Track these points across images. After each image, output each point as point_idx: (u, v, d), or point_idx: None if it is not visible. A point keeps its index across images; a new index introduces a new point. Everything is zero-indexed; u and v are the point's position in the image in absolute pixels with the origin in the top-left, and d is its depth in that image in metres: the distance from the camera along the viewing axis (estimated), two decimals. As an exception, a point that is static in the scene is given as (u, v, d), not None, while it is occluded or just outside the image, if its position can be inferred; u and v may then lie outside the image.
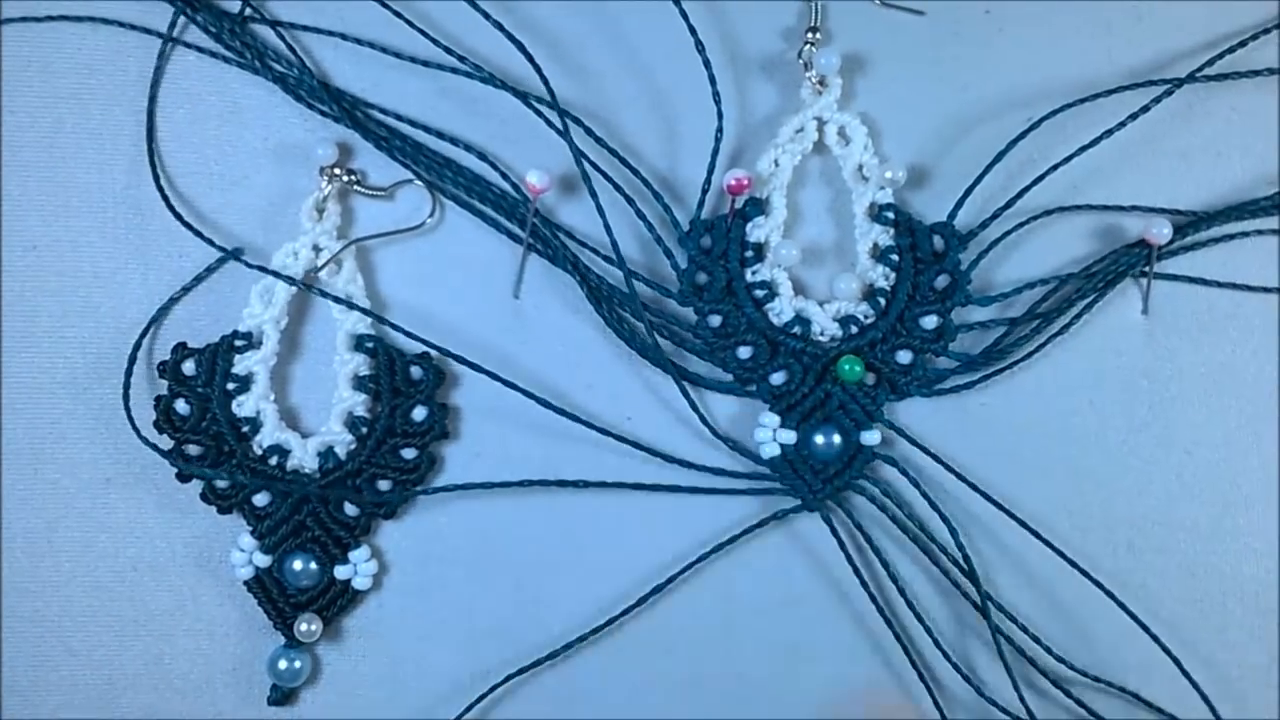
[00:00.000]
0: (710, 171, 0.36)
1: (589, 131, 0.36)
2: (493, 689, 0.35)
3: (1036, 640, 0.35)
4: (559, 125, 0.36)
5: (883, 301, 0.36)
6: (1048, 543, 0.35)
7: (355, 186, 0.37)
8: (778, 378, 0.36)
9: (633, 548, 0.36)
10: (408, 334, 0.36)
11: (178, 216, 0.36)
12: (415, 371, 0.36)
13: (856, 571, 0.35)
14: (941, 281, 0.36)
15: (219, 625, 0.36)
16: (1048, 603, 0.36)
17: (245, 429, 0.36)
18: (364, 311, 0.36)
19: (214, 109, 0.37)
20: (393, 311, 0.37)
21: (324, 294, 0.36)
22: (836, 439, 0.35)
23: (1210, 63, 0.37)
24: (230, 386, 0.35)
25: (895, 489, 0.36)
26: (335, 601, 0.36)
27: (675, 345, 0.36)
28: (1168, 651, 0.35)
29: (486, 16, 0.36)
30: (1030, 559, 0.36)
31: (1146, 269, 0.36)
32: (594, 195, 0.35)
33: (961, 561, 0.35)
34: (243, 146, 0.37)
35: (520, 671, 0.35)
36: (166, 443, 0.35)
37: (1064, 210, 0.37)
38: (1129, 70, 0.37)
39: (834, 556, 0.35)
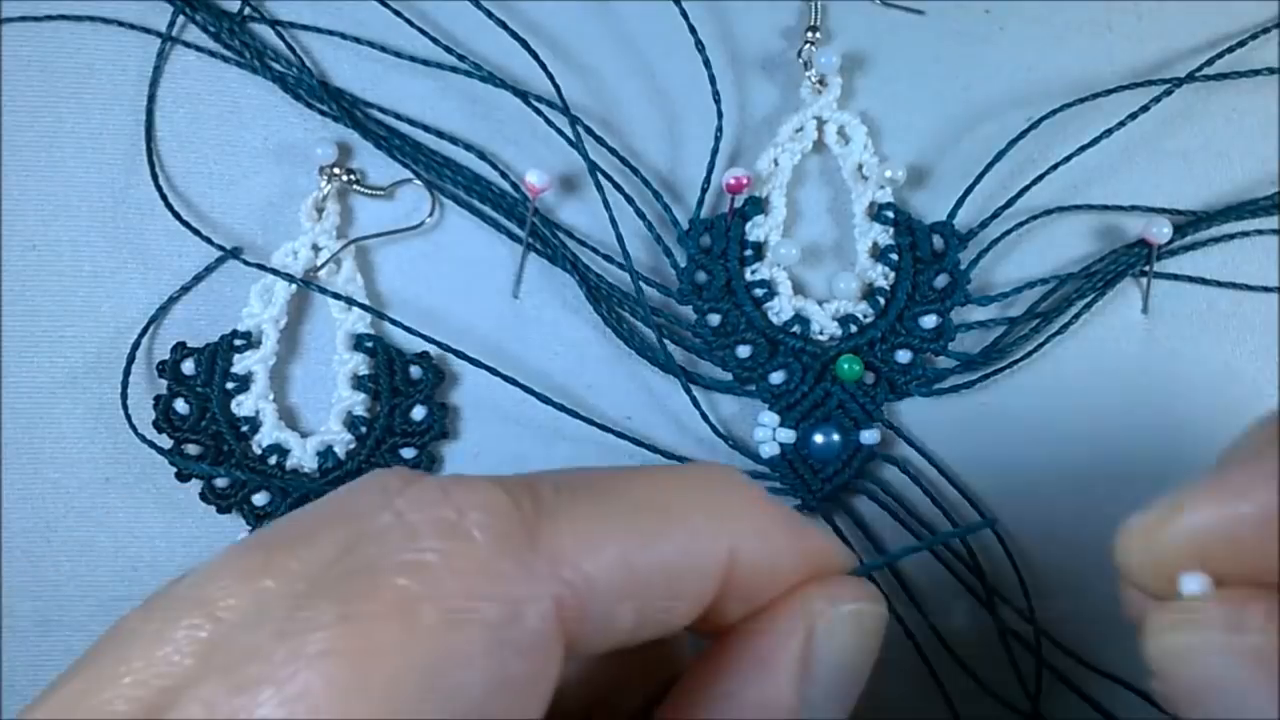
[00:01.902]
0: (710, 170, 0.36)
1: (589, 131, 0.36)
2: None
3: (1046, 636, 0.35)
4: (561, 125, 0.36)
5: (882, 301, 0.36)
6: (1007, 551, 0.35)
7: (355, 186, 0.37)
8: (777, 377, 0.36)
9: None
10: (407, 329, 0.36)
11: (177, 216, 0.36)
12: (415, 371, 0.36)
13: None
14: (941, 281, 0.36)
15: (218, 625, 0.36)
16: (1054, 599, 0.35)
17: (244, 428, 0.36)
18: (364, 307, 0.36)
19: (213, 109, 0.37)
20: (392, 311, 0.37)
21: (324, 291, 0.36)
22: (836, 438, 0.35)
23: (1210, 62, 0.37)
24: (229, 386, 0.35)
25: (896, 488, 0.36)
26: (334, 601, 0.36)
27: (674, 344, 0.36)
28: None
29: (490, 16, 0.36)
30: (1034, 555, 0.36)
31: (1146, 269, 0.36)
32: (604, 198, 0.35)
33: (966, 557, 0.35)
34: (242, 146, 0.37)
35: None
36: (166, 442, 0.35)
37: (1064, 210, 0.37)
38: (1129, 70, 0.37)
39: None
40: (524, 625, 0.18)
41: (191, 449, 0.36)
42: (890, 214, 0.36)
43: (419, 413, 0.36)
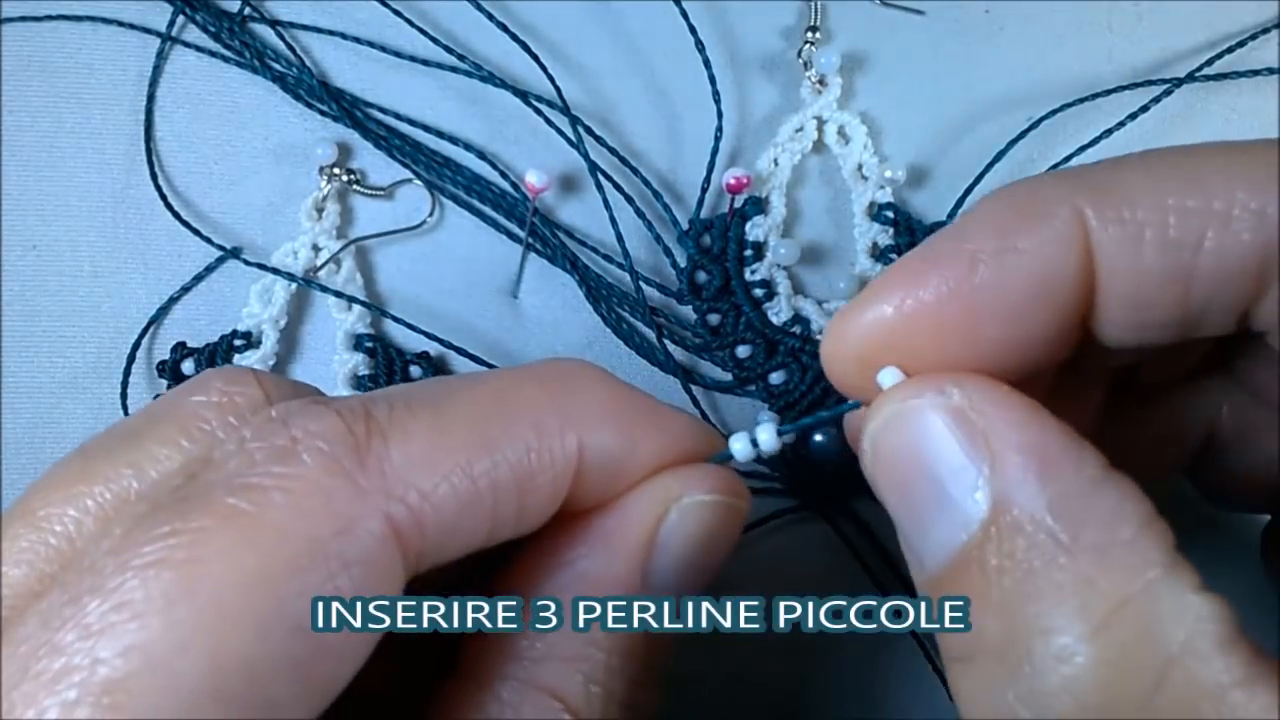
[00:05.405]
0: (710, 170, 0.36)
1: (589, 131, 0.36)
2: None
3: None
4: (561, 125, 0.36)
5: (882, 301, 0.36)
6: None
7: (355, 186, 0.37)
8: (776, 377, 0.36)
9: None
10: (409, 326, 0.36)
11: (177, 216, 0.36)
12: (415, 371, 0.36)
13: (867, 568, 0.35)
14: (941, 281, 0.36)
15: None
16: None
17: (244, 428, 0.35)
18: (365, 305, 0.36)
19: (213, 109, 0.37)
20: (392, 311, 0.37)
21: (324, 289, 0.36)
22: (835, 438, 0.35)
23: (1210, 62, 0.37)
24: (229, 386, 0.35)
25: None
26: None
27: (674, 344, 0.36)
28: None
29: (490, 18, 0.36)
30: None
31: (1146, 268, 0.36)
32: (604, 198, 0.35)
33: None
34: (242, 146, 0.37)
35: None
36: (166, 442, 0.35)
37: (1064, 210, 0.36)
38: (1129, 70, 0.37)
39: (835, 556, 0.35)
40: (354, 540, 0.19)
41: (191, 449, 0.36)
42: (890, 214, 0.36)
43: (419, 413, 0.36)
